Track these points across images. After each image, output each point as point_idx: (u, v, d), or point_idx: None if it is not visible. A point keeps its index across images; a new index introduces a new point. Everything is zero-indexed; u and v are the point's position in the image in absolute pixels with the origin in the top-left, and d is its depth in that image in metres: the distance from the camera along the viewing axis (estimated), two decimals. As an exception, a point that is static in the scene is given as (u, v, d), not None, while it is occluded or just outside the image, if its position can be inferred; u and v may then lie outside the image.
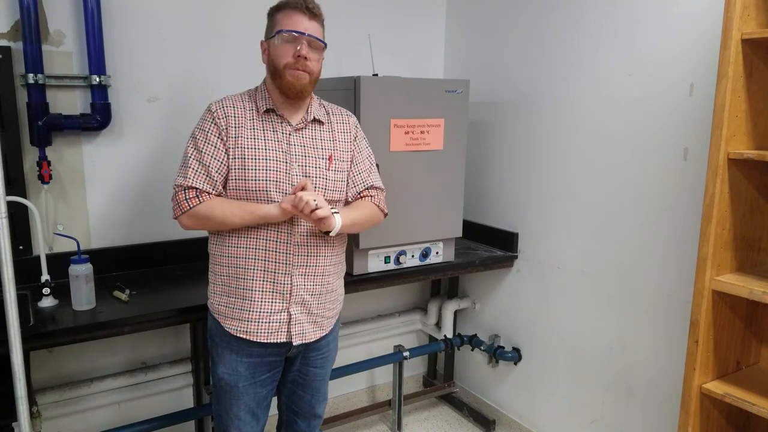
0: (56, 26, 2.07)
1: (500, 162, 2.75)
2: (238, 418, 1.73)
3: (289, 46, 1.59)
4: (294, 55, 1.58)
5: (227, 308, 1.67)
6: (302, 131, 1.68)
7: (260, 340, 1.65)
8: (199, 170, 1.60)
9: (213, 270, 1.71)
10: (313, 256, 1.67)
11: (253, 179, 1.60)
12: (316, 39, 1.61)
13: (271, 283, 1.63)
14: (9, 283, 1.45)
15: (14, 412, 1.53)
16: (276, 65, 1.61)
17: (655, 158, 2.10)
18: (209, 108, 1.64)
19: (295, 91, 1.62)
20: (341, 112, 1.80)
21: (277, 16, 1.62)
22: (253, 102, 1.67)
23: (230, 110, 1.63)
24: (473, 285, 2.99)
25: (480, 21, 2.82)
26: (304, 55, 1.58)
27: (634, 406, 2.26)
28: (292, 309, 1.66)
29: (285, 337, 1.67)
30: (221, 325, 1.68)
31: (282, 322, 1.66)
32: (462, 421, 2.93)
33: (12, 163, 2.01)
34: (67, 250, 2.07)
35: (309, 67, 1.61)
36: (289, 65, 1.59)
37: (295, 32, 1.58)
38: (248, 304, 1.64)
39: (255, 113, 1.65)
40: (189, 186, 1.60)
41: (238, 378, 1.69)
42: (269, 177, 1.61)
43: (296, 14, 1.59)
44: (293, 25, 1.59)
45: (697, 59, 1.94)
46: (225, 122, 1.61)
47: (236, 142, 1.60)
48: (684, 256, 2.01)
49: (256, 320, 1.64)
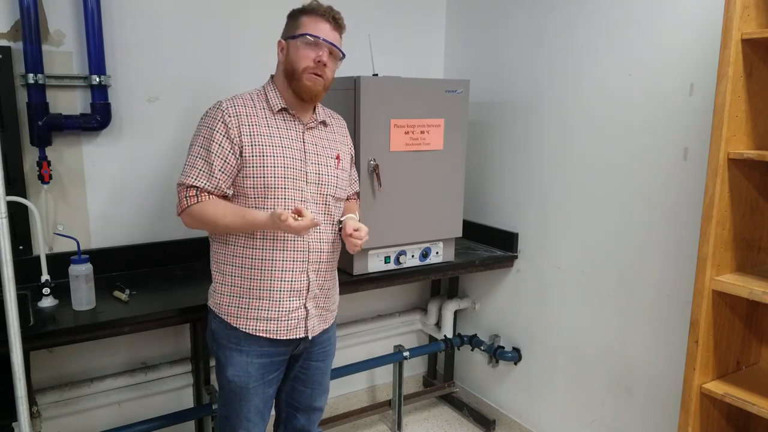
0: (56, 26, 2.07)
1: (500, 162, 2.75)
2: (248, 420, 1.74)
3: (311, 51, 1.62)
4: (315, 60, 1.61)
5: (239, 309, 1.67)
6: (313, 130, 1.72)
7: (281, 337, 1.67)
8: (202, 169, 1.61)
9: (221, 271, 1.70)
10: (324, 252, 1.71)
11: (272, 176, 1.61)
12: (337, 49, 1.66)
13: (289, 282, 1.66)
14: (9, 283, 1.45)
15: (14, 412, 1.53)
16: (294, 67, 1.63)
17: (655, 158, 2.10)
18: (219, 106, 1.63)
19: (311, 95, 1.65)
20: (338, 117, 1.87)
21: (303, 19, 1.65)
22: (263, 101, 1.68)
23: (242, 109, 1.63)
24: (473, 285, 2.99)
25: (480, 21, 2.82)
26: (324, 61, 1.62)
27: (634, 406, 2.26)
28: (308, 304, 1.70)
29: (303, 333, 1.71)
30: (231, 327, 1.68)
31: (300, 318, 1.69)
32: (462, 421, 2.94)
33: (12, 163, 2.01)
34: (67, 250, 2.07)
35: (326, 73, 1.65)
36: (309, 69, 1.62)
37: (321, 39, 1.62)
38: (267, 304, 1.65)
39: (268, 112, 1.66)
40: (190, 185, 1.61)
41: (249, 379, 1.69)
42: (287, 174, 1.63)
43: (323, 22, 1.64)
44: (318, 32, 1.63)
45: (697, 59, 1.94)
46: (236, 120, 1.61)
47: (252, 139, 1.61)
48: (684, 256, 2.01)
49: (276, 319, 1.66)
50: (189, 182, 1.61)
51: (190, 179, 1.61)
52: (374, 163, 2.18)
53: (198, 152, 1.62)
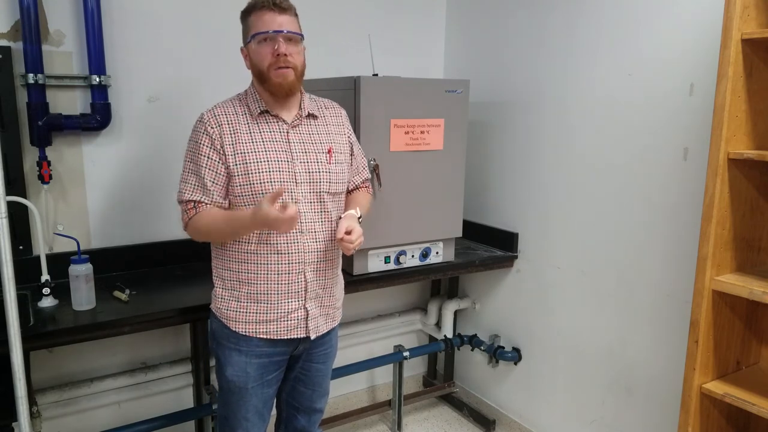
0: (56, 26, 2.07)
1: (500, 162, 2.75)
2: (246, 420, 1.74)
3: (267, 47, 1.58)
4: (273, 54, 1.57)
5: (238, 313, 1.67)
6: (298, 128, 1.69)
7: (281, 337, 1.67)
8: (195, 184, 1.62)
9: (220, 276, 1.71)
10: (322, 252, 1.69)
11: (258, 182, 1.59)
12: (291, 33, 1.59)
13: (286, 285, 1.65)
14: (9, 283, 1.45)
15: (14, 412, 1.53)
16: (260, 68, 1.60)
17: (655, 158, 2.10)
18: (201, 118, 1.64)
19: (285, 90, 1.62)
20: (332, 105, 1.82)
21: (249, 19, 1.61)
22: (244, 106, 1.66)
23: (222, 117, 1.62)
24: (473, 285, 2.99)
25: (480, 21, 2.82)
26: (283, 52, 1.57)
27: (634, 406, 2.26)
28: (308, 305, 1.69)
29: (304, 333, 1.70)
30: (229, 328, 1.68)
31: (300, 318, 1.69)
32: (462, 421, 2.94)
33: (12, 163, 2.01)
34: (67, 250, 2.07)
35: (291, 62, 1.59)
36: (272, 65, 1.58)
37: (270, 32, 1.57)
38: (264, 307, 1.65)
39: (249, 117, 1.64)
40: (187, 200, 1.64)
41: (248, 379, 1.69)
42: (273, 178, 1.60)
43: (266, 13, 1.58)
44: (265, 25, 1.57)
45: (697, 59, 1.94)
46: (219, 131, 1.60)
47: (235, 147, 1.60)
48: (684, 256, 2.01)
49: (274, 320, 1.66)
50: (186, 197, 1.63)
51: (186, 195, 1.63)
52: (374, 163, 2.18)
53: (189, 167, 1.64)
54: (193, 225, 1.63)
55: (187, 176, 1.64)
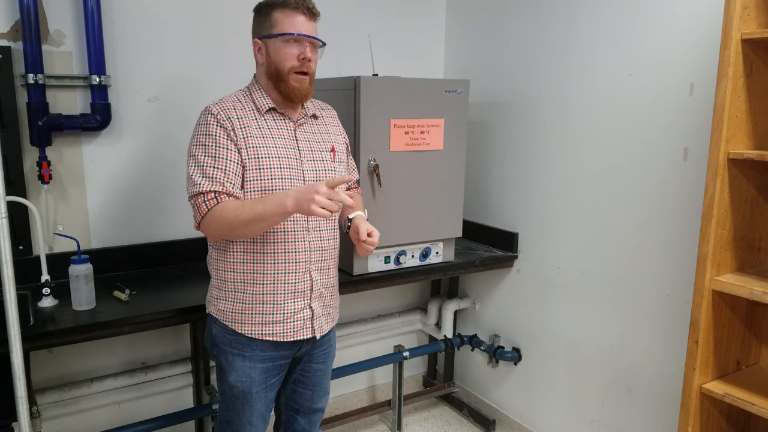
0: (56, 26, 2.07)
1: (500, 162, 2.75)
2: (251, 424, 1.72)
3: (293, 48, 1.57)
4: (299, 58, 1.57)
5: (243, 315, 1.64)
6: (303, 126, 1.69)
7: (288, 339, 1.66)
8: (215, 175, 1.53)
9: (222, 278, 1.67)
10: (326, 250, 1.70)
11: (269, 178, 1.58)
12: (319, 40, 1.61)
13: (293, 284, 1.64)
14: (9, 283, 1.45)
15: (14, 412, 1.53)
16: (279, 68, 1.58)
17: (655, 158, 2.10)
18: (209, 111, 1.57)
19: (300, 96, 1.62)
20: (327, 106, 1.83)
21: (275, 14, 1.57)
22: (250, 101, 1.63)
23: (232, 111, 1.58)
24: (473, 285, 2.99)
25: (480, 21, 2.82)
26: (309, 57, 1.58)
27: (634, 406, 2.26)
28: (314, 304, 1.69)
29: (310, 333, 1.69)
30: (235, 332, 1.65)
31: (306, 318, 1.68)
32: (462, 421, 2.94)
33: (12, 163, 2.01)
34: (67, 250, 2.07)
35: (311, 68, 1.61)
36: (294, 68, 1.58)
37: (303, 35, 1.56)
38: (271, 308, 1.63)
39: (256, 112, 1.62)
40: (207, 190, 1.52)
41: (252, 384, 1.67)
42: (284, 175, 1.59)
43: (297, 15, 1.56)
44: (296, 27, 1.56)
45: (697, 59, 1.94)
46: (230, 123, 1.56)
47: (246, 142, 1.56)
48: (684, 256, 2.01)
49: (281, 321, 1.64)
50: (205, 188, 1.52)
51: (204, 186, 1.52)
52: (374, 163, 2.18)
53: (205, 161, 1.54)
54: (216, 214, 1.51)
55: (204, 169, 1.53)
